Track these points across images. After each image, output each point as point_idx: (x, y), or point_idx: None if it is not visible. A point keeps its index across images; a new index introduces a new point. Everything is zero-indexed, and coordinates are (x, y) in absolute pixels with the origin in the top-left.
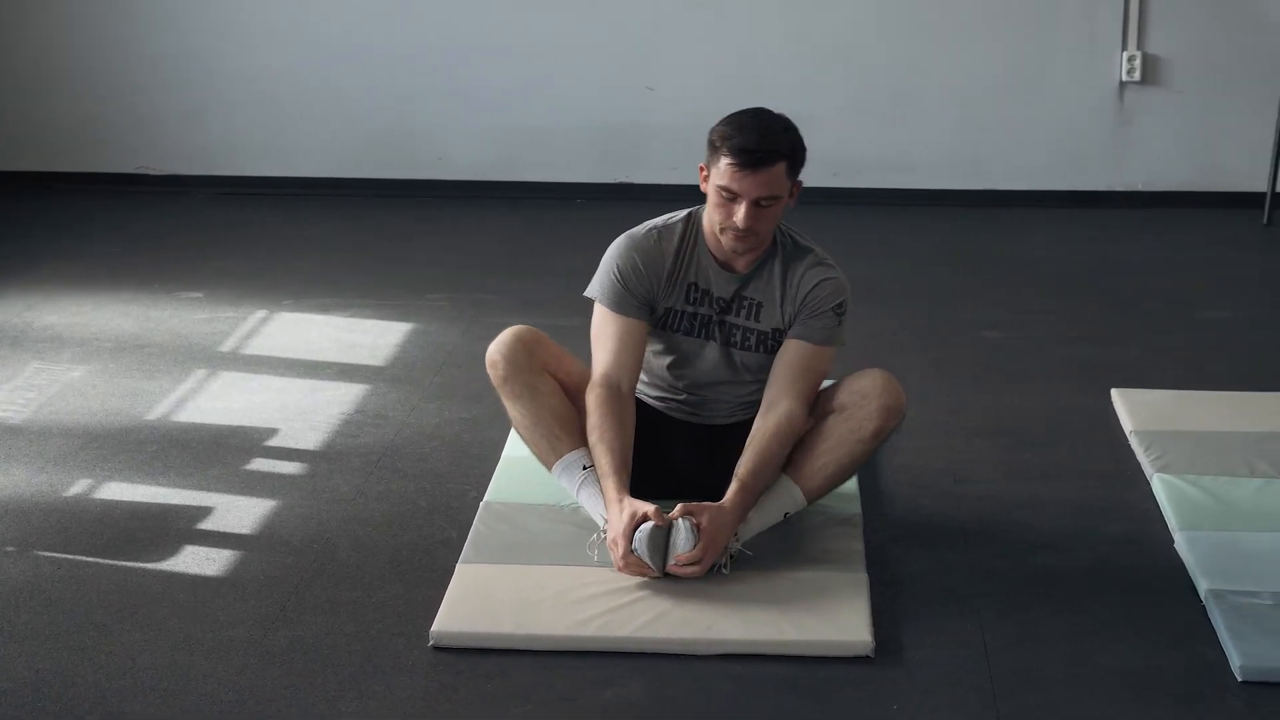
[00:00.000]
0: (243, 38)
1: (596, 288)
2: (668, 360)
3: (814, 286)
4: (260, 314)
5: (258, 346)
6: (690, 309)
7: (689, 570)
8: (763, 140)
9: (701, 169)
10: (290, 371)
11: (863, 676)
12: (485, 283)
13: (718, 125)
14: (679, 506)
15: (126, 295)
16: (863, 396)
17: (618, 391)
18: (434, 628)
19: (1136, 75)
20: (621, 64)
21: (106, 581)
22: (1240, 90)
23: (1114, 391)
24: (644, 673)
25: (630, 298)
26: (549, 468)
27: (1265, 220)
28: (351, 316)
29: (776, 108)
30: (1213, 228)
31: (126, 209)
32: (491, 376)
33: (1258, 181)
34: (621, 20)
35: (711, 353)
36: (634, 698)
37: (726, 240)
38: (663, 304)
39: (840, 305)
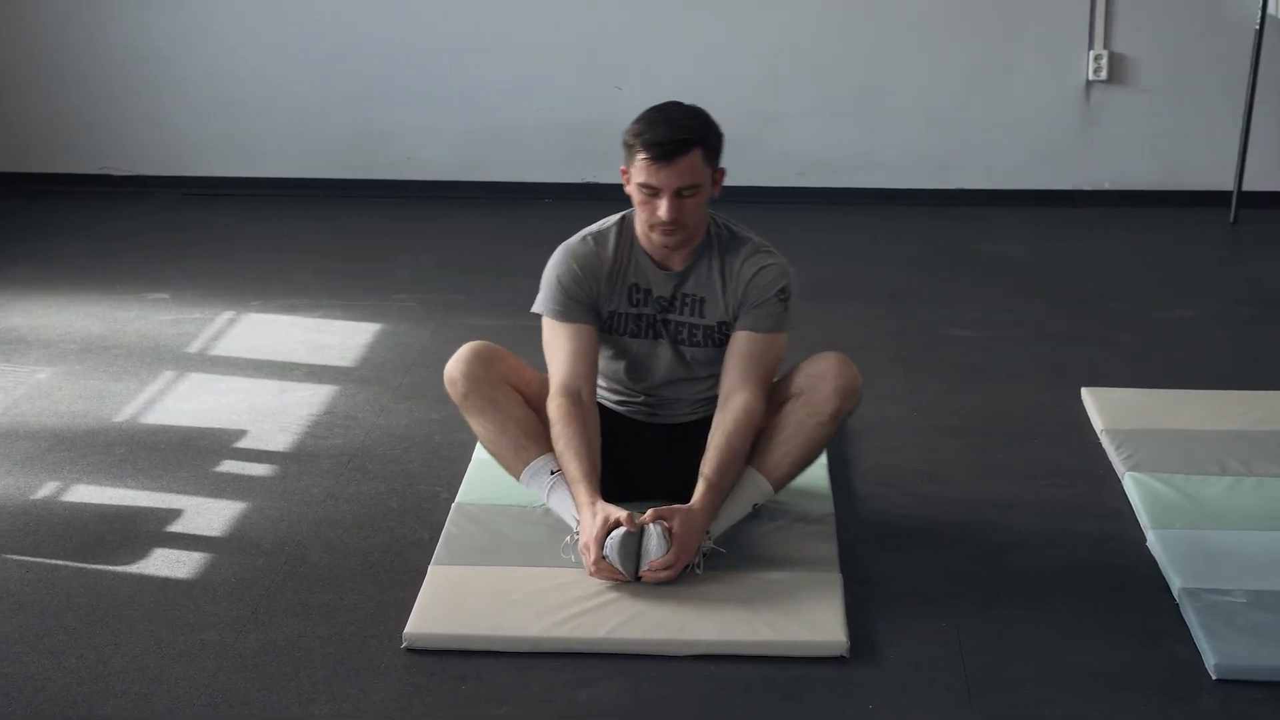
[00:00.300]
0: (208, 38)
1: (541, 301)
2: (621, 365)
3: (754, 275)
4: (227, 315)
5: (225, 347)
6: (634, 310)
7: (662, 575)
8: (673, 131)
9: (623, 171)
10: (258, 373)
11: (837, 676)
12: (454, 283)
13: (630, 125)
14: (650, 511)
15: (92, 296)
16: (819, 379)
17: (578, 398)
18: (407, 629)
19: (1103, 74)
20: (590, 64)
21: (75, 585)
22: (1206, 89)
23: (1084, 390)
24: (619, 674)
25: (574, 304)
26: (517, 476)
27: (1232, 219)
28: (320, 317)
29: (744, 108)
30: (1179, 226)
31: (91, 210)
32: (451, 394)
33: (1224, 180)
34: (590, 21)
35: (663, 352)
36: (609, 699)
37: (657, 237)
38: (606, 307)
39: (783, 290)
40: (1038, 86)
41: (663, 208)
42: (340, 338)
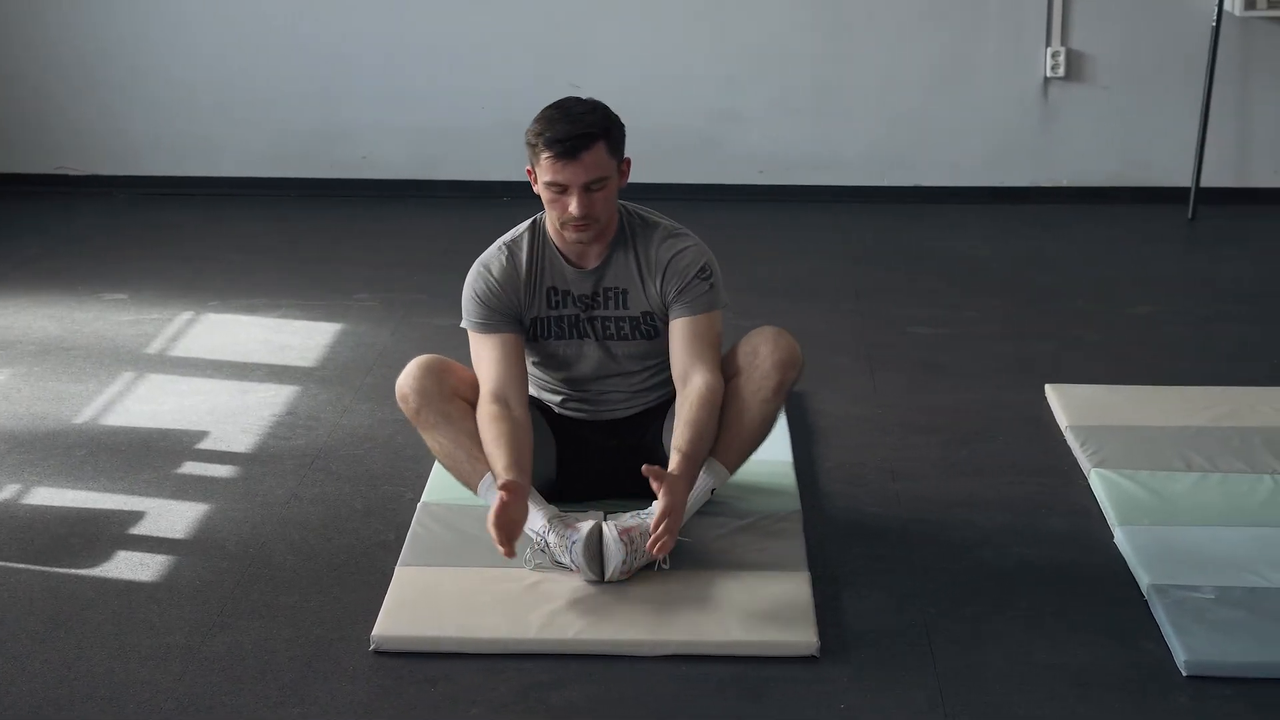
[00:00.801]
0: (164, 36)
1: (464, 317)
2: (552, 369)
3: (671, 259)
4: (186, 315)
5: (185, 348)
6: (555, 313)
7: (660, 541)
8: (574, 127)
9: (529, 171)
10: (219, 373)
11: (808, 676)
12: (413, 282)
13: (530, 125)
14: (628, 515)
15: (50, 297)
16: (756, 356)
17: (505, 404)
18: (375, 631)
19: (1061, 71)
20: (547, 61)
21: (38, 588)
22: (1164, 85)
23: (1048, 387)
24: (589, 675)
25: (495, 315)
26: (474, 489)
27: (1190, 215)
28: (280, 317)
29: (702, 105)
30: (1138, 223)
31: (47, 210)
32: (404, 410)
33: (1182, 176)
34: (546, 17)
35: (590, 349)
36: (580, 700)
37: (570, 234)
38: (528, 315)
39: (704, 269)
40: (996, 84)
41: (573, 204)
42: (301, 338)
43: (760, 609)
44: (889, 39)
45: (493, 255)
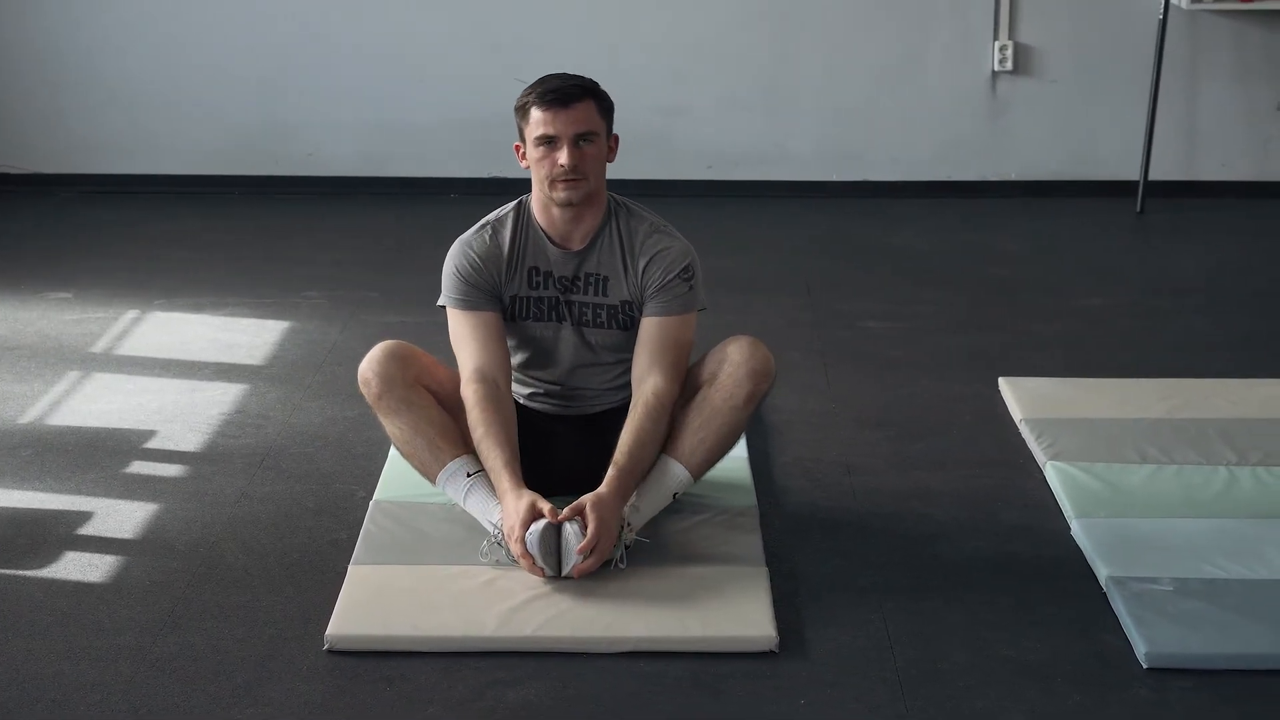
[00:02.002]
0: (106, 33)
1: (444, 294)
2: (526, 356)
3: (655, 255)
4: (132, 314)
5: (131, 347)
6: (535, 293)
7: (586, 565)
8: (564, 81)
9: (516, 147)
10: (166, 372)
11: (767, 671)
12: (362, 279)
13: (519, 96)
14: (568, 509)
15: None
16: (730, 364)
17: (494, 385)
18: (329, 631)
19: (1009, 65)
20: (492, 56)
21: None
22: (1112, 79)
23: (1001, 380)
24: (546, 672)
25: (476, 292)
26: (432, 479)
27: (1139, 208)
28: (227, 315)
29: (650, 100)
30: (1087, 216)
31: None
32: (365, 394)
33: (1130, 169)
34: (492, 12)
35: (566, 335)
36: (537, 698)
37: (559, 193)
38: (507, 293)
39: (687, 269)
40: (944, 78)
41: (563, 154)
42: (249, 336)
43: (718, 605)
44: (837, 34)
45: (473, 235)
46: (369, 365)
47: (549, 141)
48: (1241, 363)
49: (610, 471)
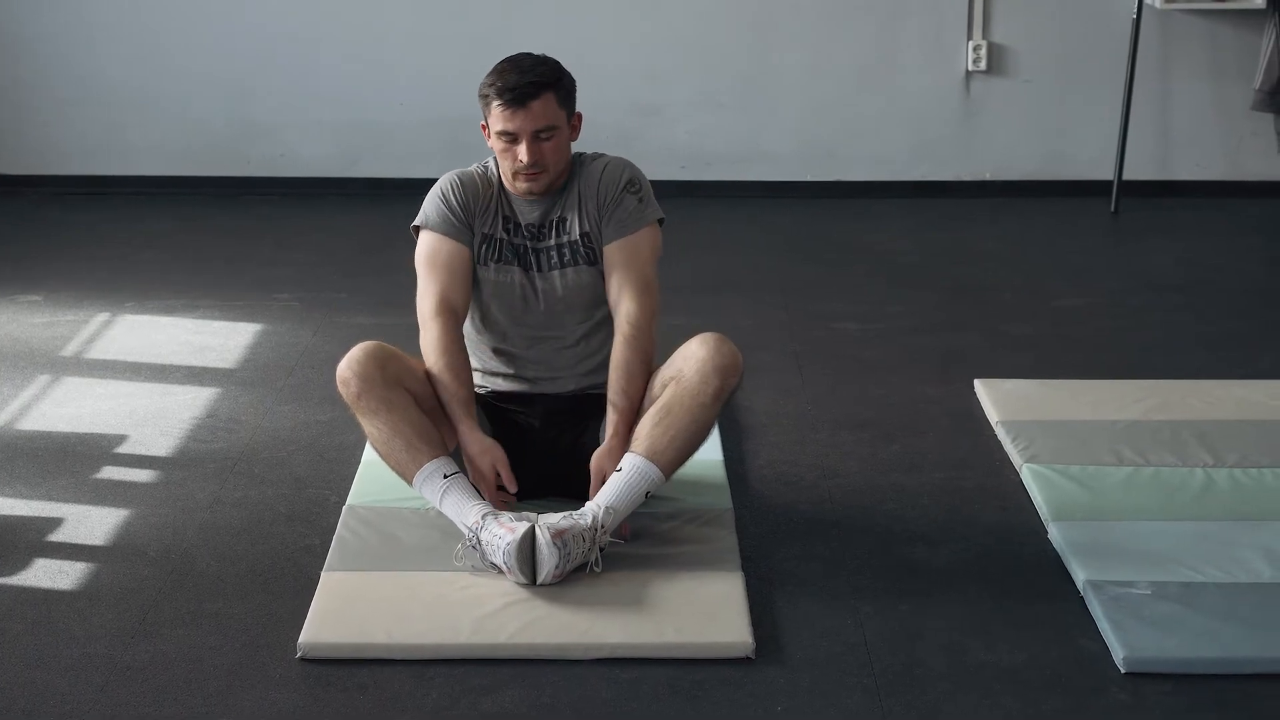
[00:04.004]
0: (76, 33)
1: (423, 215)
2: (491, 318)
3: (599, 177)
4: (103, 317)
5: (102, 350)
6: (505, 237)
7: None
8: (523, 76)
9: (483, 126)
10: (137, 375)
11: (744, 677)
12: (335, 281)
13: (483, 79)
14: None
15: None
16: (697, 360)
17: (455, 318)
18: (302, 639)
19: (983, 65)
20: (465, 55)
21: None
22: (1086, 78)
23: (977, 382)
24: (521, 679)
25: (456, 222)
26: (409, 480)
27: (1113, 208)
28: (198, 318)
29: (624, 100)
30: (1061, 216)
31: None
32: (344, 394)
33: (1104, 169)
34: (464, 11)
35: (538, 282)
36: (512, 705)
37: (521, 184)
38: (480, 229)
39: (631, 182)
40: (918, 78)
41: (522, 151)
42: (220, 339)
43: (694, 610)
44: (811, 33)
45: (467, 170)
46: (348, 365)
47: (509, 136)
48: (1217, 363)
49: (610, 416)
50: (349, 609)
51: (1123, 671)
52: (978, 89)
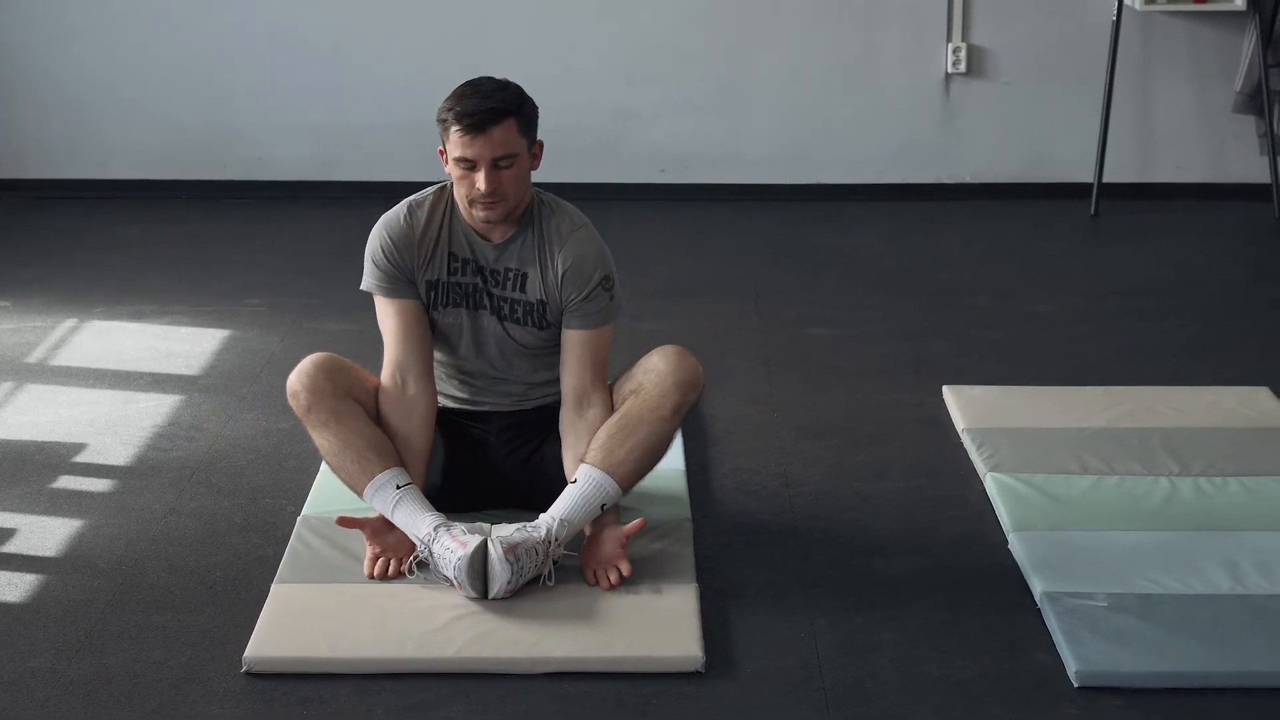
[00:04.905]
0: (50, 34)
1: (365, 278)
2: (450, 347)
3: (573, 263)
4: (70, 322)
5: (67, 357)
6: (453, 279)
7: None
8: (483, 102)
9: (441, 152)
10: (101, 383)
11: (693, 691)
12: (307, 286)
13: (442, 103)
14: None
15: None
16: (658, 375)
17: (403, 387)
18: (247, 652)
19: (962, 67)
20: (442, 59)
21: None
22: (1066, 81)
23: (945, 389)
24: (467, 694)
25: (393, 279)
26: (360, 492)
27: (1093, 211)
28: (167, 324)
29: (601, 103)
30: (1041, 219)
31: None
32: (294, 407)
33: (1084, 172)
34: (442, 14)
35: (487, 324)
36: None
37: (478, 213)
38: (424, 276)
39: (607, 279)
40: (897, 80)
41: (480, 179)
42: (187, 345)
43: (645, 624)
44: (790, 36)
45: (392, 216)
46: (297, 378)
47: (468, 163)
48: (1191, 369)
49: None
50: (297, 622)
51: (1075, 685)
52: (957, 91)
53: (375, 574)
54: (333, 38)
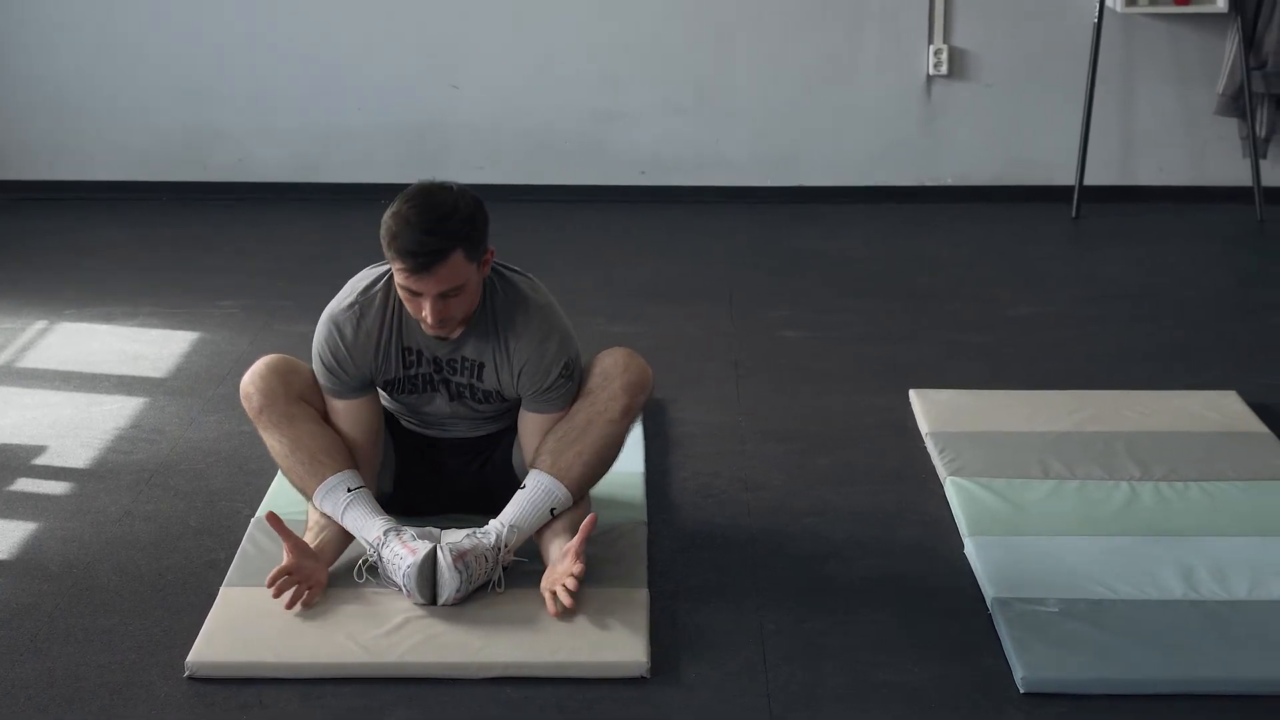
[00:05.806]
0: (32, 35)
1: (314, 371)
2: (404, 408)
3: (529, 358)
4: (40, 324)
5: (34, 359)
6: (409, 372)
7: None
8: (427, 238)
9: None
10: (66, 385)
11: (637, 697)
12: (282, 288)
13: (385, 217)
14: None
15: None
16: (605, 377)
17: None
18: (190, 657)
19: (944, 69)
20: (425, 62)
21: None
22: (1047, 83)
23: (911, 392)
24: (411, 700)
25: (343, 384)
26: (310, 495)
27: (1074, 213)
28: (137, 326)
29: (582, 105)
30: (1022, 221)
31: None
32: (246, 409)
33: (1066, 174)
34: (425, 17)
35: (442, 402)
36: None
37: (428, 330)
38: (381, 377)
39: (566, 366)
40: (879, 82)
41: (426, 310)
42: (156, 347)
43: (592, 628)
44: (771, 38)
45: (341, 317)
46: (250, 380)
47: (413, 293)
48: (1167, 372)
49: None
50: (242, 626)
51: (1021, 691)
52: (939, 93)
53: (275, 593)
54: (314, 40)
